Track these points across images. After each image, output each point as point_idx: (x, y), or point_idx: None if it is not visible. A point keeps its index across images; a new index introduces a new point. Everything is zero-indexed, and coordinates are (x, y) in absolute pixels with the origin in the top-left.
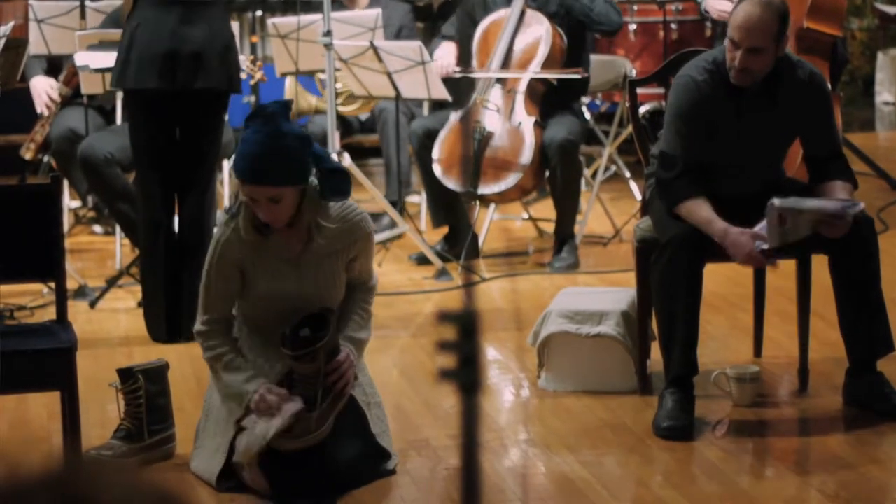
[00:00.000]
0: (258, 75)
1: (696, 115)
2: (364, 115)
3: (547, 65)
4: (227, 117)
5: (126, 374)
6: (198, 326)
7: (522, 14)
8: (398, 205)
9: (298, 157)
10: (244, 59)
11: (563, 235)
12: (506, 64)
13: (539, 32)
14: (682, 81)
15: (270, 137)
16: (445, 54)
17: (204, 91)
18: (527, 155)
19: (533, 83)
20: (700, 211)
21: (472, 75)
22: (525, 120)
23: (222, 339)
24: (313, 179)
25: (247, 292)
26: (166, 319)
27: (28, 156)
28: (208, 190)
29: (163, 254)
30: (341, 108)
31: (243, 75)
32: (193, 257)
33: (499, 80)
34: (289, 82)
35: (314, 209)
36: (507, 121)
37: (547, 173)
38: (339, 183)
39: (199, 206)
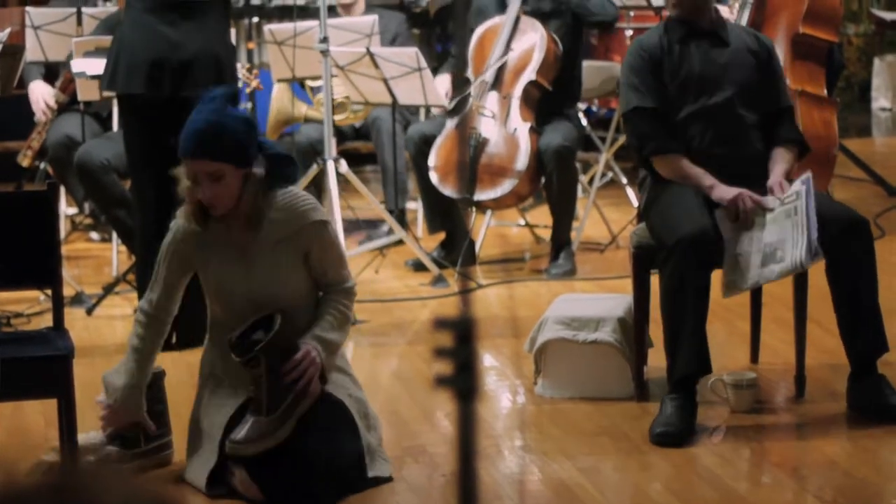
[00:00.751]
0: (254, 83)
1: (648, 69)
2: (358, 123)
3: (542, 71)
4: None
5: None
6: (141, 303)
7: (517, 20)
8: (395, 212)
9: (241, 138)
10: (240, 68)
11: (560, 242)
12: (500, 71)
13: (534, 39)
14: (631, 49)
15: (213, 114)
16: (445, 84)
17: (194, 98)
18: (522, 161)
19: (528, 89)
20: (682, 165)
21: (465, 94)
22: (520, 126)
23: (145, 331)
24: (259, 169)
25: (205, 288)
26: None
27: (25, 163)
28: None
29: None
30: (335, 119)
31: (239, 84)
32: None
33: (494, 87)
34: (277, 90)
35: (258, 196)
36: (503, 127)
37: (543, 179)
38: (284, 169)
39: None
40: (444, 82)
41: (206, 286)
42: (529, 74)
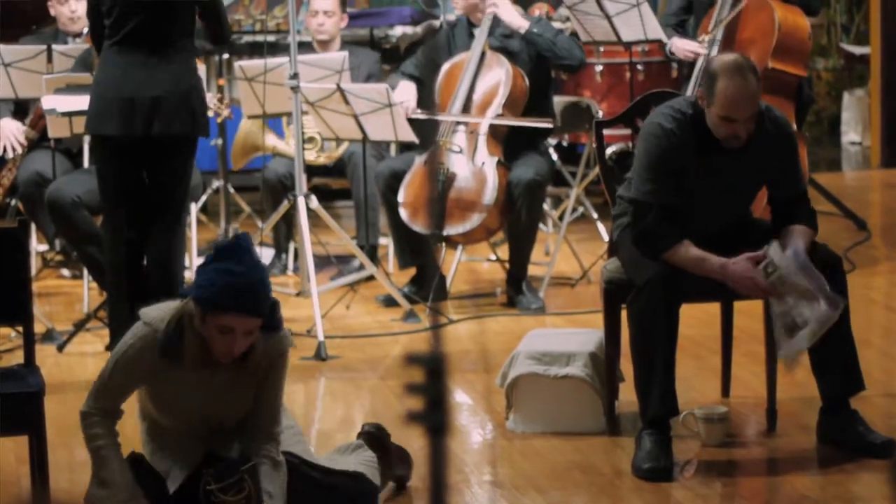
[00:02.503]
0: (225, 112)
1: (666, 162)
2: (331, 164)
3: (508, 106)
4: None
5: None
6: (84, 408)
7: (483, 56)
8: (366, 248)
9: (270, 290)
10: (211, 97)
11: (521, 275)
12: (467, 106)
13: (499, 75)
14: (651, 130)
15: (255, 269)
16: (405, 93)
17: (165, 137)
18: (490, 195)
19: (495, 124)
20: (689, 253)
21: (433, 117)
22: (488, 160)
23: (103, 429)
24: None
25: (151, 398)
26: None
27: None
28: (176, 234)
29: (129, 296)
30: (306, 159)
31: (210, 113)
32: (158, 301)
33: (459, 123)
34: (246, 120)
35: (256, 342)
36: (471, 161)
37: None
38: (274, 315)
39: (166, 250)
40: (407, 90)
41: (155, 398)
42: (496, 109)
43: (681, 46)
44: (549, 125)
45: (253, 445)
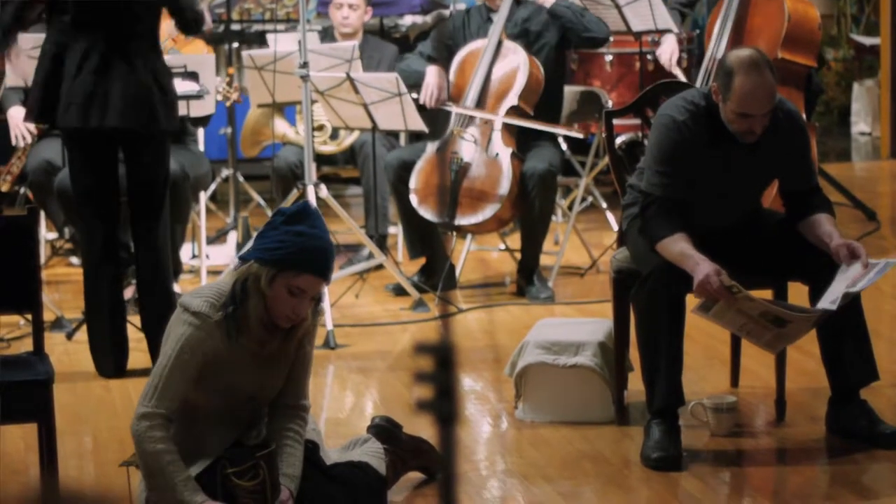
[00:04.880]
0: (234, 96)
1: (677, 155)
2: (343, 155)
3: (524, 96)
4: (201, 149)
5: None
6: (144, 410)
7: (500, 45)
8: (375, 237)
9: None
10: (220, 82)
11: (533, 266)
12: (482, 95)
13: (516, 63)
14: (664, 122)
15: (327, 234)
16: (435, 80)
17: (127, 131)
18: (504, 186)
19: (510, 113)
20: (675, 247)
21: (460, 111)
22: (502, 151)
23: (165, 434)
24: None
25: (201, 382)
26: (112, 355)
27: (4, 188)
28: (159, 224)
29: (107, 295)
30: (317, 148)
31: (219, 97)
32: (150, 293)
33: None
34: (255, 109)
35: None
36: (485, 152)
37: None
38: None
39: (152, 239)
40: (437, 77)
41: (203, 380)
42: (511, 99)
43: (666, 53)
44: (580, 135)
45: (281, 422)
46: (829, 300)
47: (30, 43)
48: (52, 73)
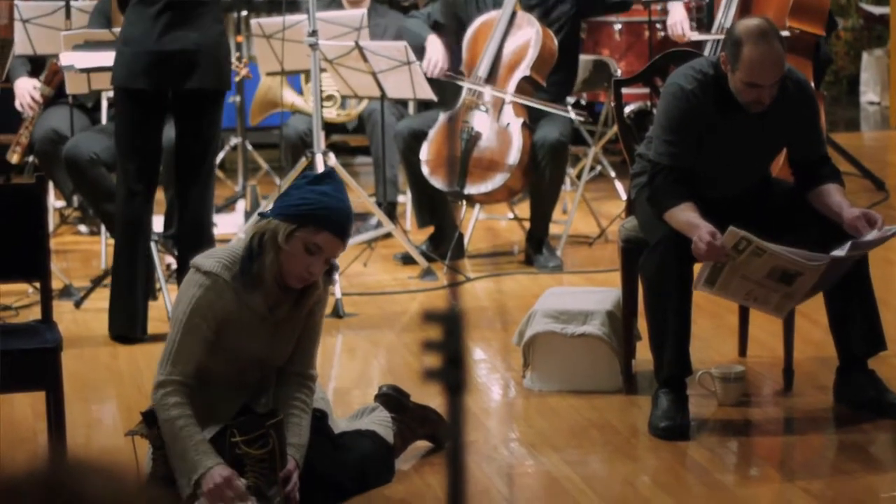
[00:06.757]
0: (243, 72)
1: (686, 124)
2: (351, 124)
3: (536, 67)
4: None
5: (152, 417)
6: (161, 377)
7: (513, 16)
8: (384, 205)
9: None
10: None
11: (541, 234)
12: (495, 66)
13: (529, 34)
14: (672, 90)
15: (347, 199)
16: (437, 52)
17: (196, 91)
18: (514, 156)
19: (522, 84)
20: (682, 215)
21: (464, 83)
22: (513, 121)
23: (181, 399)
24: None
25: (213, 345)
26: (136, 316)
27: (15, 159)
28: (208, 188)
29: (140, 250)
30: (326, 117)
31: None
32: (192, 255)
33: (488, 81)
34: (266, 76)
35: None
36: (496, 122)
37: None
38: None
39: (199, 204)
40: (438, 48)
41: (215, 344)
42: (524, 70)
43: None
44: (581, 118)
45: (288, 391)
46: (838, 250)
47: (34, 11)
48: (125, 35)
